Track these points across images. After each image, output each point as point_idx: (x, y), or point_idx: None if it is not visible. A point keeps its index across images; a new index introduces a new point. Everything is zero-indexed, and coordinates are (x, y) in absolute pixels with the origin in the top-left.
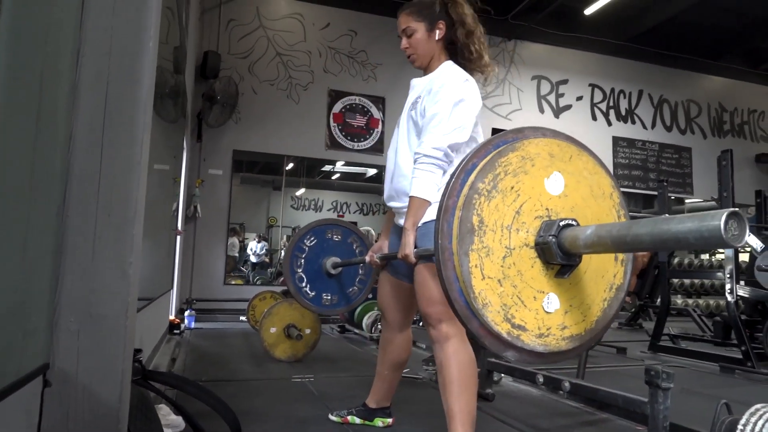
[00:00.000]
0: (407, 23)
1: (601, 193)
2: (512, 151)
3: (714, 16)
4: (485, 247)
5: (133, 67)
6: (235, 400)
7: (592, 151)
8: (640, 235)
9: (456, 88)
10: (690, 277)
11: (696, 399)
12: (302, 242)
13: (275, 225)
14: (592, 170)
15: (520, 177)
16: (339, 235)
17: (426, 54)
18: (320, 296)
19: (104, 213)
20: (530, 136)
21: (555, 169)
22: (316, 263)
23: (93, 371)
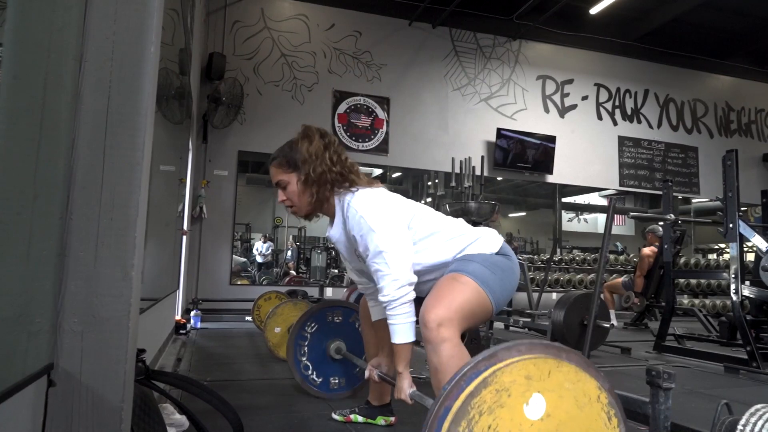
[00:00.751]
0: (279, 177)
1: (587, 400)
2: (485, 387)
3: (720, 16)
4: None
5: (134, 72)
6: (239, 399)
7: (574, 353)
8: None
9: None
10: (695, 277)
11: (699, 399)
12: (303, 330)
13: (281, 225)
14: (574, 379)
15: (496, 413)
16: (340, 317)
17: (306, 202)
18: (328, 381)
19: (106, 217)
20: (504, 359)
21: (534, 391)
22: (320, 348)
23: (96, 372)
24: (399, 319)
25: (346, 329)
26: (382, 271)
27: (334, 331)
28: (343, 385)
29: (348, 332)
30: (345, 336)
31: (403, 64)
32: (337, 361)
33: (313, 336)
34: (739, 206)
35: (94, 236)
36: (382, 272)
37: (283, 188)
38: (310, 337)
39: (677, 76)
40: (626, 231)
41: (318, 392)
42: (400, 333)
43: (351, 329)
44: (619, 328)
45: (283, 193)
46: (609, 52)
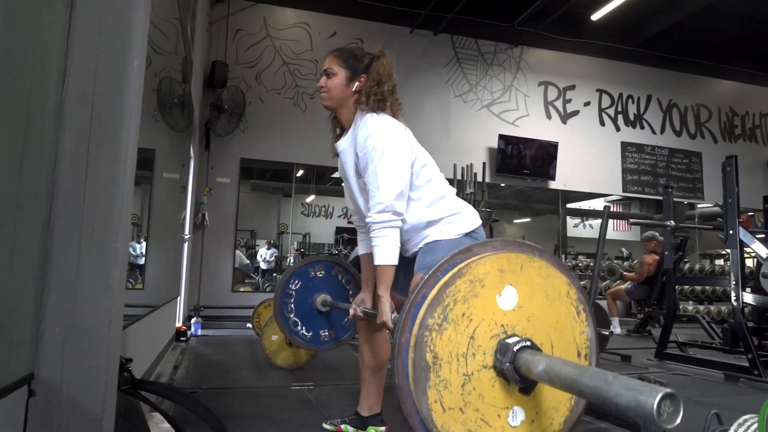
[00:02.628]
0: (331, 65)
1: (557, 295)
2: (460, 277)
3: (722, 21)
4: (443, 381)
5: (118, 85)
6: (232, 408)
7: (546, 252)
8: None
9: (377, 143)
10: (698, 283)
11: (695, 408)
12: (287, 288)
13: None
14: (545, 274)
15: (470, 302)
16: (322, 271)
17: (338, 98)
18: (318, 335)
19: (89, 228)
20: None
21: (506, 283)
22: (306, 303)
23: (77, 381)
24: (382, 241)
25: (329, 282)
26: (373, 192)
27: (318, 286)
28: (334, 336)
29: (332, 285)
30: (329, 289)
31: (404, 71)
32: (324, 314)
33: (297, 292)
34: (740, 212)
35: (76, 247)
36: (373, 193)
37: (328, 76)
38: (295, 293)
39: (680, 81)
40: (631, 237)
41: (310, 346)
42: (381, 255)
43: (334, 282)
44: (622, 335)
45: (326, 80)
46: (611, 58)
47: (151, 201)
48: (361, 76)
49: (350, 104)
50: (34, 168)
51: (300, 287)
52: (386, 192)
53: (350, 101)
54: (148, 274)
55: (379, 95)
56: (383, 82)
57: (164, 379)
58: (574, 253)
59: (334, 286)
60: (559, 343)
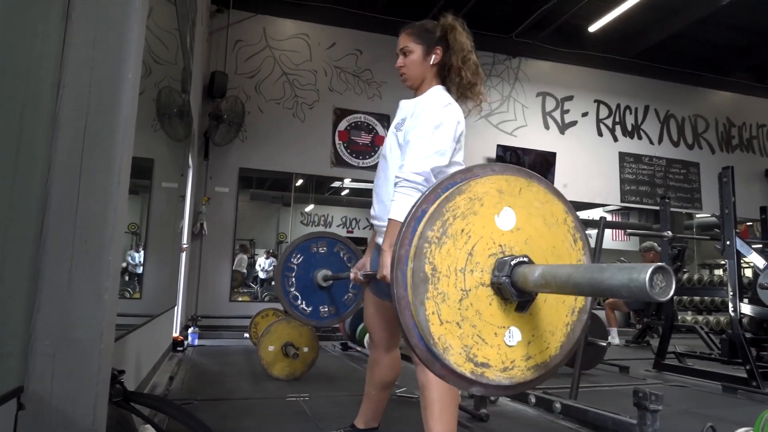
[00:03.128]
0: (406, 43)
1: (555, 220)
2: (459, 194)
3: (719, 32)
4: (440, 293)
5: (112, 98)
6: (227, 419)
7: (544, 179)
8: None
9: (437, 112)
10: (695, 294)
11: (692, 420)
12: (289, 261)
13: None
14: (543, 199)
15: (469, 219)
16: (324, 247)
17: (418, 76)
18: (317, 310)
19: (81, 240)
20: (480, 175)
21: (505, 204)
22: (307, 278)
23: (67, 394)
24: (404, 198)
25: (331, 258)
26: (413, 151)
27: (319, 261)
28: (333, 312)
29: (333, 261)
30: (330, 265)
31: None
32: (325, 290)
33: (299, 267)
34: (737, 223)
35: (68, 259)
36: (412, 151)
37: (405, 55)
38: (297, 268)
39: (677, 92)
40: (630, 246)
41: (309, 321)
42: (396, 209)
43: (336, 258)
44: (621, 346)
45: (403, 59)
46: (608, 69)
47: (149, 210)
48: (437, 48)
49: (429, 78)
50: (26, 179)
51: (302, 262)
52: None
53: (429, 75)
54: (146, 283)
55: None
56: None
57: (160, 390)
58: None
59: (335, 263)
60: None
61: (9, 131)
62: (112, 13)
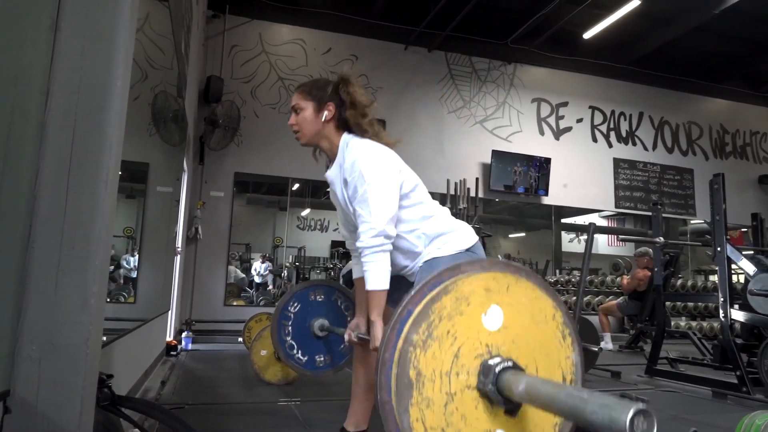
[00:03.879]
0: (297, 101)
1: (543, 317)
2: (446, 294)
3: (713, 40)
4: (425, 399)
5: (100, 106)
6: (217, 424)
7: (533, 273)
8: (562, 410)
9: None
10: (687, 300)
11: (680, 425)
12: (287, 310)
13: (281, 245)
14: (532, 295)
15: (455, 319)
16: (322, 295)
17: (311, 133)
18: (313, 359)
19: (68, 246)
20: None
21: (492, 303)
22: (304, 327)
23: (53, 399)
24: (373, 266)
25: (328, 306)
26: (363, 217)
27: (316, 310)
28: (329, 362)
29: (331, 310)
30: (328, 314)
31: (399, 88)
32: (321, 339)
33: (296, 315)
34: (727, 229)
35: (55, 265)
36: (363, 218)
37: (296, 113)
38: (294, 316)
39: (671, 99)
40: (625, 252)
41: (305, 371)
42: (373, 279)
43: (333, 307)
44: (614, 351)
45: (295, 117)
46: (603, 76)
47: (144, 214)
48: (328, 104)
49: (327, 134)
50: (14, 185)
51: (299, 310)
52: (377, 216)
53: (325, 131)
54: (140, 287)
55: (351, 118)
56: (353, 104)
57: (151, 395)
58: (569, 268)
59: (332, 311)
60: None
61: None
62: (101, 22)
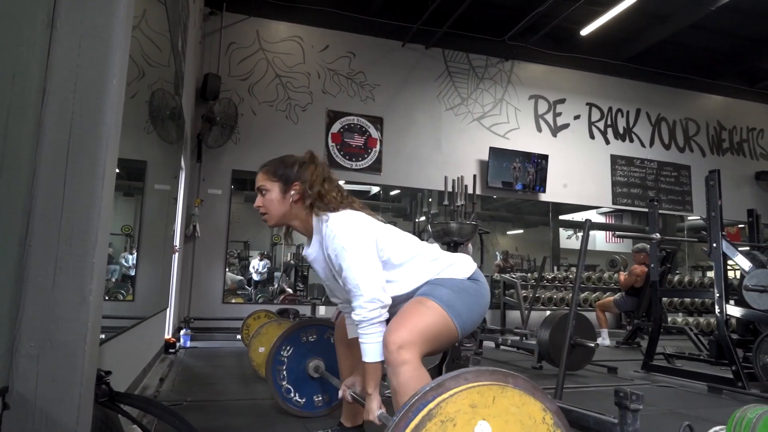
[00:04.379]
0: (262, 182)
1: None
2: (430, 420)
3: (710, 37)
4: None
5: (97, 104)
6: (215, 420)
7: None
8: None
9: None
10: (683, 296)
11: (676, 420)
12: (279, 355)
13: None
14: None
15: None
16: (314, 335)
17: (278, 214)
18: (311, 401)
19: (65, 243)
20: (451, 388)
21: (479, 418)
22: (299, 369)
23: (51, 395)
24: (370, 338)
25: (322, 346)
26: (354, 291)
27: (310, 351)
28: (327, 401)
29: (324, 349)
30: (321, 353)
31: (396, 85)
32: (317, 379)
33: (290, 359)
34: (723, 226)
35: (53, 262)
36: (354, 292)
37: (262, 194)
38: (287, 360)
39: (669, 96)
40: (623, 248)
41: (304, 413)
42: (370, 352)
43: (327, 345)
44: (611, 347)
45: (261, 199)
46: (600, 72)
47: (142, 212)
48: (294, 183)
49: (296, 214)
50: (11, 183)
51: (292, 353)
52: (370, 287)
53: (294, 211)
54: (138, 285)
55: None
56: (316, 183)
57: (150, 392)
58: (567, 264)
59: (326, 350)
60: None
61: None
62: (97, 20)
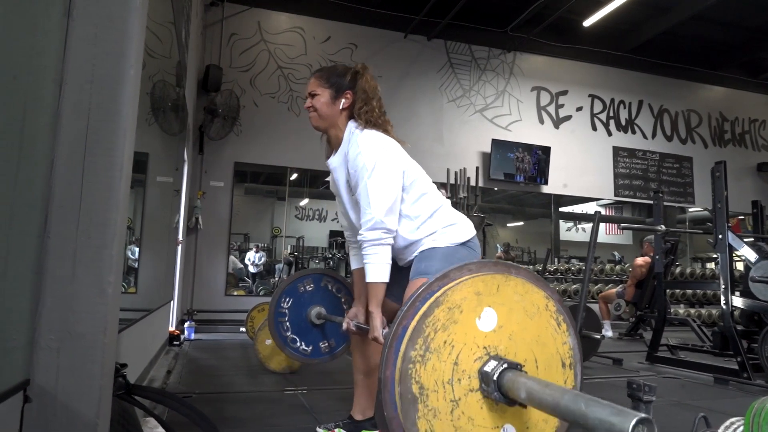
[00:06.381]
0: (314, 87)
1: (536, 309)
2: (437, 306)
3: (712, 28)
4: (431, 410)
5: (114, 94)
6: (225, 413)
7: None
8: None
9: (367, 160)
10: (688, 287)
11: (685, 411)
12: (279, 308)
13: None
14: (522, 291)
15: (450, 329)
16: (311, 284)
17: (325, 118)
18: (318, 347)
19: (84, 235)
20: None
21: (484, 306)
22: (301, 319)
23: (72, 388)
24: (373, 258)
25: (320, 294)
26: (364, 209)
27: (309, 300)
28: (334, 346)
29: (323, 296)
30: (320, 300)
31: (398, 76)
32: (320, 326)
33: (290, 310)
34: (729, 217)
35: (72, 254)
36: (364, 210)
37: (313, 97)
38: (288, 311)
39: (671, 87)
40: (624, 240)
41: (312, 360)
42: (372, 272)
43: (324, 292)
44: (614, 339)
45: (311, 101)
46: (603, 64)
47: (144, 204)
48: (346, 92)
49: (339, 123)
50: (29, 175)
51: (292, 304)
52: (377, 208)
53: (338, 120)
54: (141, 277)
55: (368, 112)
56: (370, 98)
57: (157, 384)
58: (567, 256)
59: (325, 297)
60: (543, 356)
61: (11, 127)
62: (113, 9)
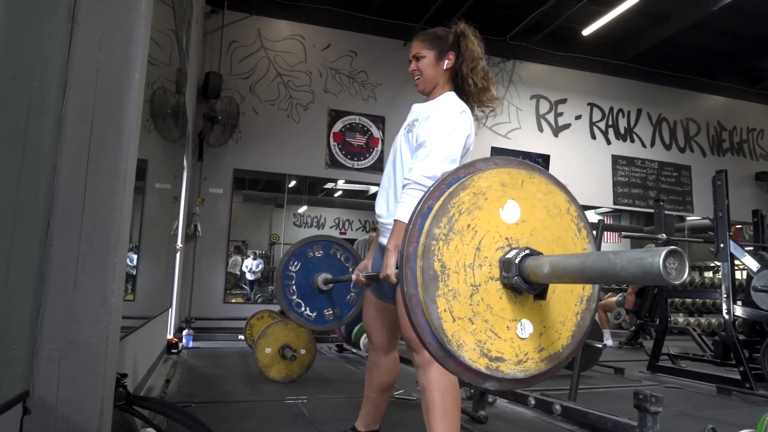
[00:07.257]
0: (419, 49)
1: (558, 211)
2: (463, 189)
3: (711, 37)
4: (451, 290)
5: (118, 99)
6: (226, 422)
7: (545, 170)
8: (592, 276)
9: (450, 117)
10: (689, 296)
11: (690, 422)
12: (287, 270)
13: (277, 242)
14: (545, 191)
15: (474, 213)
16: (320, 251)
17: (430, 80)
18: (322, 314)
19: (87, 243)
20: (482, 169)
21: (508, 197)
22: (307, 284)
23: (73, 399)
24: (409, 198)
25: (328, 261)
26: (421, 154)
27: (317, 265)
28: (338, 314)
29: (331, 263)
30: (329, 267)
31: (398, 84)
32: (326, 293)
33: (298, 273)
34: (730, 226)
35: (74, 262)
36: (421, 154)
37: (417, 60)
38: (296, 275)
39: (669, 96)
40: (622, 248)
41: (315, 326)
42: (402, 210)
43: (333, 260)
44: (614, 348)
45: (416, 64)
46: (602, 72)
47: (143, 211)
48: (449, 53)
49: (441, 84)
50: (31, 182)
51: (300, 268)
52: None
53: (441, 80)
54: (139, 285)
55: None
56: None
57: (156, 393)
58: None
59: (333, 265)
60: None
61: (15, 132)
62: (118, 15)
